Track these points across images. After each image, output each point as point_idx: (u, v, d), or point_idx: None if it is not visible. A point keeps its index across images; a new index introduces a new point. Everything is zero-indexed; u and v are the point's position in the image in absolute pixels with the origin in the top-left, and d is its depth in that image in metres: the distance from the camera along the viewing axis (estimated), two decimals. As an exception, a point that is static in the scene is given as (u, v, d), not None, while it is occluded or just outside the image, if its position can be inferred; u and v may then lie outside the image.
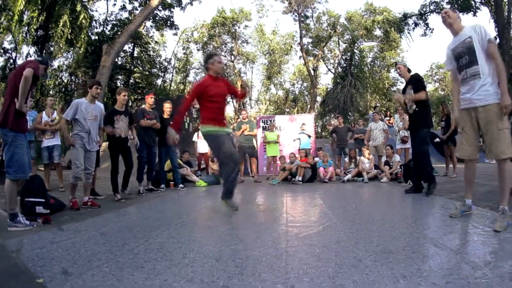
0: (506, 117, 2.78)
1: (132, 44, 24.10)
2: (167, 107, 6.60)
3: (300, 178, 7.47)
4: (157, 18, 24.02)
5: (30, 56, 17.06)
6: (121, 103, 5.30)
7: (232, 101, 32.24)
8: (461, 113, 3.11)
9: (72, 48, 18.74)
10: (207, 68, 3.94)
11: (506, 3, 15.64)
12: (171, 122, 4.34)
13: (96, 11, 26.34)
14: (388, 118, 14.92)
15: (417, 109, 4.75)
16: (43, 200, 3.51)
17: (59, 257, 2.20)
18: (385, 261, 1.93)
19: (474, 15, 18.79)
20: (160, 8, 21.40)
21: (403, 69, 5.02)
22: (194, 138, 9.61)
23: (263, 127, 10.92)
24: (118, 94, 5.34)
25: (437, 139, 7.55)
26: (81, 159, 4.30)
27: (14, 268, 2.02)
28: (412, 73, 4.99)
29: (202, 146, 9.08)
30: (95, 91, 4.53)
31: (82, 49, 17.71)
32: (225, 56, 30.67)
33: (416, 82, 4.79)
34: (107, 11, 24.13)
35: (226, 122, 3.97)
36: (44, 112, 6.29)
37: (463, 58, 3.01)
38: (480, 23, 3.00)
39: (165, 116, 6.48)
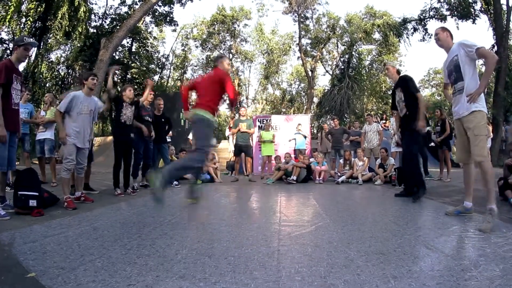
0: (485, 126, 3.10)
1: (131, 39, 23.99)
2: (159, 103, 6.57)
3: (295, 178, 7.47)
4: (156, 14, 23.94)
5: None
6: (129, 98, 5.25)
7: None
8: (455, 122, 3.46)
9: (70, 41, 18.63)
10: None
11: (505, 11, 15.75)
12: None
13: (96, 4, 26.20)
14: (384, 121, 15.00)
15: (407, 112, 4.58)
16: (37, 193, 3.49)
17: (52, 251, 2.19)
18: (377, 262, 1.94)
19: (473, 22, 18.93)
20: (159, 4, 21.30)
21: (392, 70, 4.90)
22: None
23: (259, 126, 10.94)
24: (123, 91, 5.31)
25: (432, 144, 7.60)
26: (74, 155, 4.14)
27: (6, 261, 2.01)
28: (400, 75, 4.86)
29: None
30: (91, 82, 4.32)
31: (80, 42, 17.60)
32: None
33: (405, 84, 4.63)
34: (106, 5, 23.96)
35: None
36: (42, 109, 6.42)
37: (452, 75, 3.35)
38: (464, 38, 3.29)
39: (157, 112, 6.46)
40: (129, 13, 20.13)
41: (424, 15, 21.77)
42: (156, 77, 28.64)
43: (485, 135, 3.10)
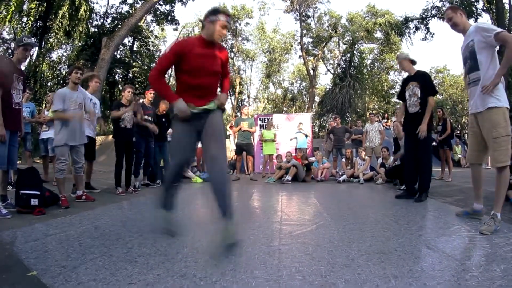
0: (506, 124, 2.72)
1: (132, 38, 23.98)
2: (164, 108, 6.58)
3: (290, 178, 7.45)
4: (158, 13, 23.91)
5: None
6: (126, 99, 5.32)
7: (231, 98, 32.25)
8: (469, 118, 3.09)
9: (71, 40, 18.66)
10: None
11: (508, 10, 15.69)
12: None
13: (97, 3, 26.26)
14: (385, 120, 14.99)
15: (420, 110, 4.35)
16: (38, 192, 3.50)
17: (53, 250, 2.20)
18: (377, 261, 1.94)
19: (476, 21, 18.92)
20: (161, 3, 21.28)
21: (407, 63, 4.57)
22: None
23: (260, 125, 10.93)
24: (123, 91, 5.40)
25: (434, 143, 7.58)
26: (66, 155, 4.09)
27: (8, 260, 2.02)
28: (417, 68, 4.58)
29: None
30: (75, 76, 4.21)
31: (81, 41, 17.60)
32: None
33: (425, 83, 4.40)
34: (108, 4, 24.03)
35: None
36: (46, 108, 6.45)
37: (467, 63, 2.98)
38: (483, 21, 2.95)
39: (159, 113, 6.48)
40: (131, 12, 20.13)
41: (426, 14, 21.76)
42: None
43: (508, 135, 2.70)
